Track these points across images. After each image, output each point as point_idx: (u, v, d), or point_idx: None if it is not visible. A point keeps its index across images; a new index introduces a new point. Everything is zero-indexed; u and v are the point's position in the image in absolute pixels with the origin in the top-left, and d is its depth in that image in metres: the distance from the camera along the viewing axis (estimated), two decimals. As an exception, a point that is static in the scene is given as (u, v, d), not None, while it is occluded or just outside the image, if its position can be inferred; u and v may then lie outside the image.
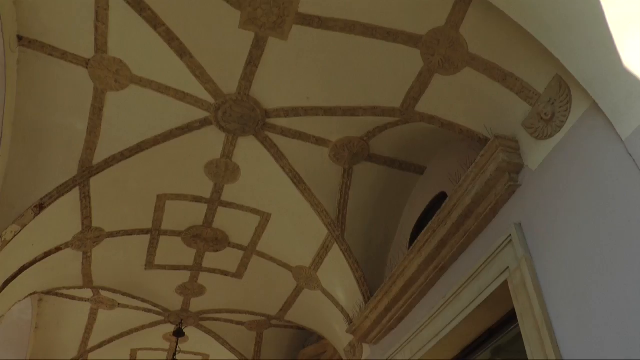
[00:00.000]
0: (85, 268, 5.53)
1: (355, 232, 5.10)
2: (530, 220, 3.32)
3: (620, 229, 2.64)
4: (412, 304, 4.58)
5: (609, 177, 2.76)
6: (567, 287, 2.94)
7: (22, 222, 4.26)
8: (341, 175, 4.84)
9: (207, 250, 5.69)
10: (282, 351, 7.65)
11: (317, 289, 5.70)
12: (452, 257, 4.06)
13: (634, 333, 2.48)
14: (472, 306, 3.72)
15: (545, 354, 2.96)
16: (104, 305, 6.51)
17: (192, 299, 6.48)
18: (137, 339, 7.21)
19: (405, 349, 4.60)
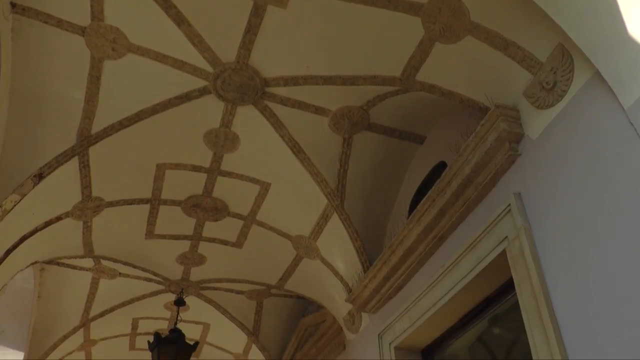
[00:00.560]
0: (86, 237, 5.55)
1: (354, 201, 5.11)
2: (529, 189, 3.32)
3: (621, 198, 2.64)
4: (411, 273, 4.62)
5: (610, 146, 2.75)
6: (565, 256, 2.96)
7: (21, 191, 4.26)
8: (341, 145, 4.83)
9: (207, 220, 5.71)
10: (282, 320, 7.74)
11: (317, 258, 5.73)
12: (451, 226, 4.07)
13: (632, 302, 2.50)
14: (470, 275, 3.75)
15: (542, 323, 3.00)
16: (105, 274, 6.56)
17: (193, 268, 6.52)
18: (138, 308, 7.28)
19: (404, 318, 4.65)
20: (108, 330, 7.70)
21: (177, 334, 6.48)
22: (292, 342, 7.31)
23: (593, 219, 2.80)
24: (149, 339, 6.55)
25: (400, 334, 4.70)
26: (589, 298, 2.76)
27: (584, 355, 2.74)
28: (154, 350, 6.38)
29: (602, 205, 2.75)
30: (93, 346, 7.98)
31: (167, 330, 6.87)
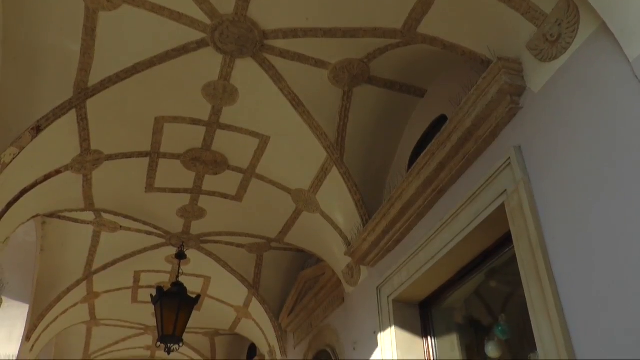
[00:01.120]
0: (86, 191, 5.56)
1: (354, 155, 5.10)
2: (530, 143, 3.31)
3: (622, 152, 2.63)
4: (410, 227, 4.65)
5: (613, 99, 2.73)
6: (564, 210, 2.97)
7: (20, 144, 4.24)
8: (340, 98, 4.78)
9: (206, 173, 5.71)
10: (281, 273, 7.84)
11: (316, 211, 5.76)
12: (451, 179, 4.08)
13: (630, 256, 2.52)
14: (468, 228, 3.78)
15: (538, 276, 3.03)
16: (106, 228, 6.60)
17: (193, 221, 6.55)
18: (140, 261, 7.36)
19: (402, 271, 4.71)
20: (110, 283, 7.80)
21: (179, 287, 6.57)
22: (291, 295, 7.42)
23: (594, 172, 2.79)
24: (151, 293, 6.65)
25: (399, 287, 4.76)
26: (586, 252, 2.78)
27: (580, 308, 2.78)
28: (156, 303, 6.48)
29: (603, 158, 2.74)
30: (96, 299, 8.11)
31: (169, 283, 6.96)
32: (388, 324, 4.84)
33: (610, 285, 2.62)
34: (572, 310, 2.83)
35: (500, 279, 4.33)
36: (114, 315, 9.11)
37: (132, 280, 7.92)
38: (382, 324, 4.95)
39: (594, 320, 2.69)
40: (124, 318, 9.34)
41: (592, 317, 2.70)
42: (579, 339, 2.77)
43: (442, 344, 4.71)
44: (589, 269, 2.76)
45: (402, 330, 4.76)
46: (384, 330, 4.89)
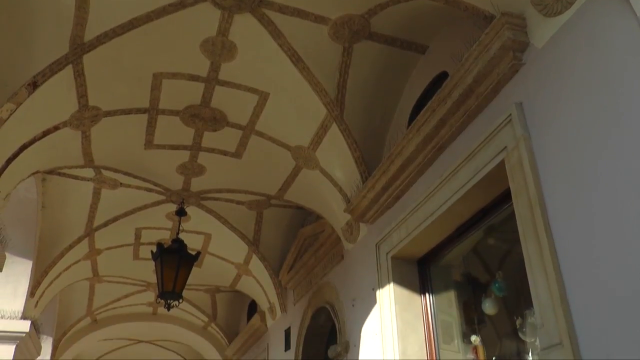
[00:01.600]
0: (85, 147, 5.53)
1: (354, 112, 5.06)
2: (531, 99, 3.27)
3: (625, 110, 2.61)
4: (409, 184, 4.66)
5: (618, 55, 2.68)
6: (563, 167, 2.97)
7: (16, 100, 4.20)
8: (341, 54, 4.72)
9: (205, 130, 5.67)
10: (281, 230, 7.89)
11: (316, 168, 5.76)
12: (451, 136, 4.06)
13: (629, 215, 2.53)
14: (468, 185, 3.77)
15: (536, 233, 3.05)
16: (107, 184, 6.60)
17: (193, 178, 6.55)
18: (140, 218, 7.39)
19: (401, 228, 4.73)
20: (112, 240, 7.86)
21: (179, 244, 6.61)
22: (291, 252, 7.48)
23: (596, 130, 2.77)
24: (152, 249, 6.70)
25: (397, 243, 4.79)
26: (585, 209, 2.79)
27: (577, 266, 2.80)
28: (157, 259, 6.54)
29: (606, 116, 2.71)
30: (98, 255, 8.18)
31: (169, 240, 7.01)
32: (386, 281, 4.90)
33: (608, 242, 2.63)
34: (568, 267, 2.85)
35: (498, 236, 4.36)
36: (116, 272, 9.20)
37: (133, 237, 7.97)
38: (380, 280, 5.01)
39: (590, 278, 2.71)
40: (125, 275, 9.44)
41: (589, 274, 2.72)
42: (574, 295, 2.79)
43: (440, 301, 4.77)
44: (588, 226, 2.76)
45: (400, 286, 4.81)
46: (383, 287, 4.95)
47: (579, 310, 2.76)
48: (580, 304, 2.75)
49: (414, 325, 4.68)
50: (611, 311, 2.57)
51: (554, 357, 2.81)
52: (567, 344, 2.74)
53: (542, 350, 2.93)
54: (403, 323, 4.66)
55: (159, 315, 11.55)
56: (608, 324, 2.58)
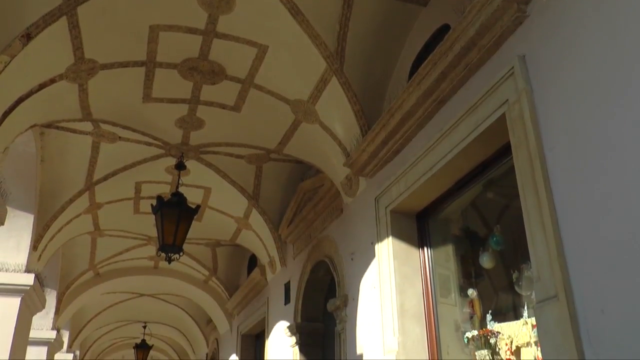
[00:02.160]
0: (83, 100, 5.48)
1: (354, 65, 4.99)
2: (534, 52, 3.22)
3: (630, 63, 2.56)
4: (409, 137, 4.63)
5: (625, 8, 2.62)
6: (564, 120, 2.94)
7: (10, 52, 4.12)
8: (341, 6, 4.62)
9: (204, 83, 5.60)
10: (281, 184, 7.89)
11: (315, 122, 5.72)
12: (452, 90, 4.01)
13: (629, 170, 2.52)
14: (468, 139, 3.75)
15: (535, 187, 3.05)
16: (105, 138, 6.56)
17: (192, 132, 6.51)
18: (140, 172, 7.38)
19: (401, 182, 4.73)
20: (112, 193, 7.87)
21: (179, 197, 6.62)
22: (291, 206, 7.51)
23: (599, 84, 2.73)
24: (152, 203, 6.71)
25: (396, 197, 4.80)
26: (585, 163, 2.78)
27: (575, 220, 2.81)
28: (157, 213, 6.56)
29: (610, 69, 2.67)
30: (99, 209, 8.21)
31: (169, 194, 7.01)
32: (385, 235, 4.93)
33: (607, 197, 2.63)
34: (566, 221, 2.86)
35: (497, 190, 4.36)
36: (116, 226, 9.26)
37: (133, 191, 7.98)
38: (379, 234, 5.04)
39: (588, 232, 2.73)
40: (126, 229, 9.50)
41: (587, 228, 2.73)
42: (571, 249, 2.81)
43: (438, 255, 4.81)
44: (587, 180, 2.76)
45: (398, 240, 4.85)
46: (381, 241, 4.98)
47: (575, 264, 2.78)
48: (576, 258, 2.78)
49: (412, 279, 4.74)
50: (606, 265, 2.59)
51: (549, 310, 2.85)
52: (562, 297, 2.77)
53: (537, 303, 2.97)
54: (401, 277, 4.72)
55: (160, 269, 11.68)
56: (603, 278, 2.60)
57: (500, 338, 3.95)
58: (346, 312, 5.74)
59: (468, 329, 4.31)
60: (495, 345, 3.98)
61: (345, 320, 5.74)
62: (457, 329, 4.50)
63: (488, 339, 4.02)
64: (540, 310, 2.92)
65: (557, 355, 2.76)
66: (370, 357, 5.05)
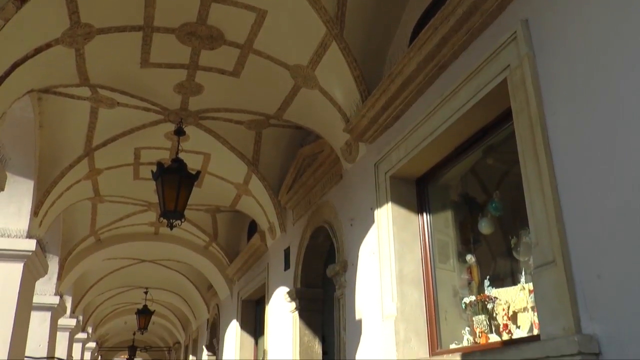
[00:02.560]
0: (80, 65, 5.42)
1: (354, 30, 4.91)
2: (538, 16, 3.18)
3: (635, 29, 2.52)
4: (409, 103, 4.60)
5: (629, -32, 2.57)
6: (567, 86, 2.92)
7: (4, 15, 4.05)
8: (341, -31, 4.54)
9: (202, 48, 5.53)
10: (280, 150, 7.88)
11: (315, 88, 5.67)
12: (453, 55, 3.97)
13: (631, 137, 2.50)
14: (468, 104, 3.73)
15: (535, 152, 3.04)
16: (104, 104, 6.52)
17: (191, 97, 6.45)
18: (139, 137, 7.35)
19: (400, 147, 4.72)
20: (112, 159, 7.86)
21: (179, 163, 6.61)
22: (290, 172, 7.51)
23: (604, 49, 2.70)
24: (152, 169, 6.71)
25: (396, 163, 4.79)
26: (586, 130, 2.77)
27: (574, 186, 2.81)
28: (157, 179, 6.56)
29: (615, 35, 2.64)
30: (99, 175, 8.21)
31: (169, 160, 7.00)
32: (384, 200, 4.94)
33: (607, 164, 2.62)
34: (566, 187, 2.86)
35: (497, 156, 4.35)
36: (117, 192, 9.27)
37: (133, 157, 7.96)
38: (378, 200, 5.05)
39: (586, 198, 2.73)
40: (127, 195, 9.51)
41: (586, 194, 2.74)
42: (570, 215, 2.82)
43: (437, 220, 4.83)
44: (588, 146, 2.75)
45: (398, 206, 4.86)
46: (381, 207, 4.99)
47: (573, 230, 2.79)
48: (574, 224, 2.79)
49: (411, 244, 4.76)
50: (604, 231, 2.60)
51: (546, 275, 2.87)
52: (560, 262, 2.79)
53: (535, 268, 2.99)
54: (400, 242, 4.74)
55: (161, 235, 11.75)
56: (600, 244, 2.62)
57: (498, 303, 3.99)
58: (345, 277, 5.79)
59: (466, 295, 4.35)
60: (492, 311, 4.02)
61: (344, 286, 5.79)
62: (455, 294, 4.54)
63: (485, 305, 4.06)
64: (537, 275, 2.95)
65: (553, 319, 2.79)
66: (369, 322, 5.12)
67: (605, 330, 2.54)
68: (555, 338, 2.73)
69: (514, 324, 3.82)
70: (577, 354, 2.55)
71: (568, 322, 2.69)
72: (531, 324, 3.63)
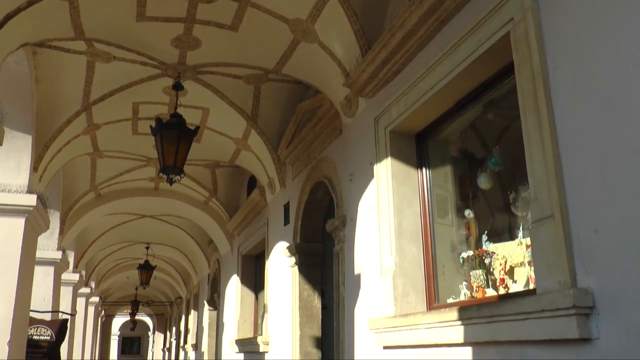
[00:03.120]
0: (75, 19, 5.31)
1: (354, -19, 4.82)
2: (542, -34, 3.10)
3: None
4: (410, 57, 4.54)
5: None
6: (571, 40, 2.88)
7: (-4, -35, 3.98)
8: None
9: (199, 2, 5.39)
10: (280, 105, 7.81)
11: (314, 42, 5.58)
12: (455, 8, 3.89)
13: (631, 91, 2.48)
14: (470, 59, 3.68)
15: (537, 106, 3.01)
16: (100, 58, 6.43)
17: (188, 52, 6.36)
18: (137, 92, 7.28)
19: (401, 102, 4.68)
20: (110, 114, 7.81)
21: (178, 118, 6.57)
22: (290, 127, 7.47)
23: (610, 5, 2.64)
24: (150, 124, 6.67)
25: (396, 118, 4.76)
26: (590, 84, 2.74)
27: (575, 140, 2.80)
28: (156, 134, 6.53)
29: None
30: (97, 130, 8.17)
31: (168, 115, 6.95)
32: (384, 155, 4.93)
33: (609, 119, 2.60)
34: (566, 142, 2.85)
35: (497, 112, 4.32)
36: (116, 147, 9.25)
37: (131, 112, 7.91)
38: (378, 155, 5.04)
39: (586, 153, 2.72)
40: (126, 150, 9.48)
41: (586, 149, 2.73)
42: (569, 170, 2.82)
43: (436, 176, 4.83)
44: (590, 101, 2.73)
45: (397, 161, 4.85)
46: (380, 162, 4.98)
47: (572, 184, 2.79)
48: (574, 179, 2.79)
49: (410, 199, 4.78)
50: (603, 187, 2.61)
51: (544, 230, 2.89)
52: (558, 217, 2.80)
53: (533, 223, 3.00)
54: (399, 197, 4.75)
55: (161, 190, 11.78)
56: (598, 199, 2.63)
57: (495, 258, 4.02)
58: (344, 232, 5.83)
59: (464, 250, 4.39)
60: (489, 266, 4.06)
61: (343, 241, 5.83)
62: (453, 249, 4.58)
63: (483, 260, 4.10)
64: (535, 230, 2.96)
65: (549, 273, 2.82)
66: (368, 276, 5.18)
67: (600, 285, 2.57)
68: (550, 292, 2.77)
69: (510, 279, 3.87)
70: (571, 308, 2.59)
71: (564, 276, 2.72)
72: (527, 278, 3.67)
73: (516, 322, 3.01)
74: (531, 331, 2.90)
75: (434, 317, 3.86)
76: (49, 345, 8.18)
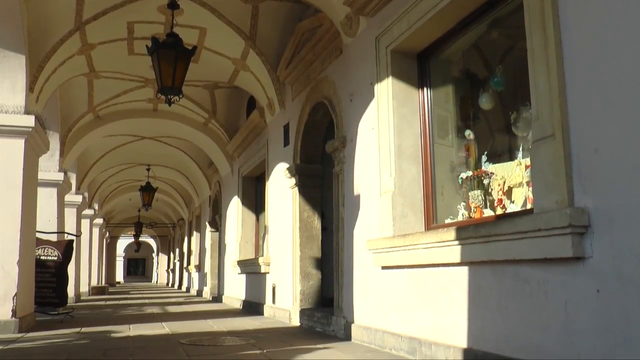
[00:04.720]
0: None
1: None
2: None
3: None
4: (413, -26, 4.37)
5: None
6: (579, -47, 2.76)
7: None
8: None
9: None
10: (278, 25, 7.62)
11: (314, -44, 5.37)
12: None
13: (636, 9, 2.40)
14: (475, -27, 3.54)
15: (543, 23, 2.93)
16: (92, -26, 6.22)
17: (183, -33, 6.17)
18: (131, 11, 7.09)
19: (403, 20, 4.55)
20: (104, 34, 7.64)
21: (175, 38, 6.42)
22: (289, 47, 7.31)
23: None
24: (147, 44, 6.53)
25: (398, 37, 4.65)
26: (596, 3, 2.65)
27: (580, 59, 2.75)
28: (152, 54, 6.40)
29: None
30: (92, 50, 8.03)
31: (164, 34, 6.79)
32: (385, 75, 4.84)
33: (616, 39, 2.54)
34: (571, 60, 2.80)
35: (501, 31, 4.21)
36: (112, 68, 9.11)
37: (126, 31, 7.73)
38: (379, 75, 4.95)
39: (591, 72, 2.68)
40: (122, 70, 9.34)
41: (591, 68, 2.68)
42: (573, 89, 2.78)
43: (437, 96, 4.77)
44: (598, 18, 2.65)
45: (398, 81, 4.77)
46: (381, 81, 4.91)
47: (574, 103, 2.76)
48: (576, 98, 2.75)
49: (410, 119, 4.74)
50: (605, 106, 2.58)
51: (544, 149, 2.88)
52: (559, 136, 2.78)
53: (533, 142, 2.99)
54: (399, 117, 4.71)
55: (160, 111, 11.68)
56: (600, 119, 2.61)
57: (494, 179, 4.04)
58: (344, 153, 5.82)
59: (463, 171, 4.39)
60: (488, 186, 4.08)
61: (343, 162, 5.84)
62: (453, 169, 4.59)
63: (482, 180, 4.11)
64: (535, 149, 2.95)
65: (547, 193, 2.84)
66: (367, 197, 5.21)
67: (596, 204, 2.59)
68: (547, 211, 2.79)
69: (508, 199, 3.90)
70: (567, 227, 2.62)
71: (562, 196, 2.73)
72: (525, 199, 3.70)
73: (513, 242, 3.05)
74: (526, 250, 2.95)
75: (432, 237, 3.91)
76: (56, 265, 8.39)
